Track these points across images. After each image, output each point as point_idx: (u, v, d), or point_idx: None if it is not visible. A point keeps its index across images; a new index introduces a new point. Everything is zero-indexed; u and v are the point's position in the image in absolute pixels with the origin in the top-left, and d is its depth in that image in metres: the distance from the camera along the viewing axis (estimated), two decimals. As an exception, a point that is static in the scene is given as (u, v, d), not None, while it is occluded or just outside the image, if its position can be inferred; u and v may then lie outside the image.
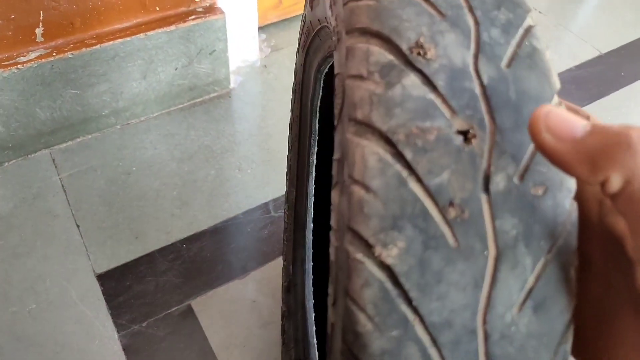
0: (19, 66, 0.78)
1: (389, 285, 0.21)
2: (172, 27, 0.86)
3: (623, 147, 0.18)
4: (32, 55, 0.79)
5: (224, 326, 0.73)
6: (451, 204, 0.21)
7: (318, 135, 0.58)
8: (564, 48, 1.23)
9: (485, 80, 0.22)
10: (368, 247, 0.21)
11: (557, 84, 0.24)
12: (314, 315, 0.67)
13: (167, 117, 0.97)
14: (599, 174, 0.19)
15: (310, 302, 0.68)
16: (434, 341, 0.21)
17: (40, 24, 0.78)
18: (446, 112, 0.22)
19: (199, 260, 0.79)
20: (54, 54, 0.80)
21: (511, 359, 0.21)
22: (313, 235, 0.67)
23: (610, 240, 0.22)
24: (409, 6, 0.23)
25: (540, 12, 1.31)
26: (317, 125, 0.57)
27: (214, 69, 0.98)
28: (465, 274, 0.21)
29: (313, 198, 0.63)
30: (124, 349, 0.70)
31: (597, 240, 0.23)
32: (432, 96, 0.22)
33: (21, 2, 0.74)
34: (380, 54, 0.23)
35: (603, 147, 0.19)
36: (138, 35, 0.84)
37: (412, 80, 0.22)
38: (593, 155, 0.19)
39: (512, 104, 0.22)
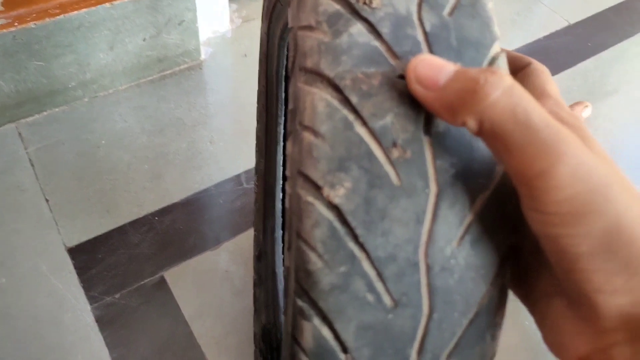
0: (-21, 37, 0.76)
1: (337, 224, 0.22)
2: (139, -4, 0.85)
3: (471, 93, 0.20)
4: (-7, 25, 0.77)
5: (197, 296, 0.74)
6: (394, 144, 0.22)
7: (284, 104, 0.58)
8: (534, 18, 1.24)
9: (428, 28, 0.23)
10: (317, 189, 0.22)
11: (497, 33, 0.25)
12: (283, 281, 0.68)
13: (137, 90, 0.96)
14: (457, 118, 0.21)
15: (280, 269, 0.69)
16: (380, 275, 0.22)
17: (0, -8, 0.76)
18: (390, 58, 0.23)
19: (171, 232, 0.80)
20: (16, 24, 0.78)
21: (451, 290, 0.22)
22: (282, 203, 0.67)
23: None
24: None
25: (511, -18, 1.32)
26: (283, 94, 0.58)
27: (183, 40, 0.96)
28: (408, 210, 0.22)
29: (281, 167, 0.64)
30: (96, 320, 0.70)
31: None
32: (376, 43, 0.23)
33: (-22, -30, 0.72)
34: (328, 4, 0.23)
35: (459, 93, 0.20)
36: (104, 4, 0.82)
37: (358, 28, 0.23)
38: (451, 102, 0.21)
39: (453, 49, 0.23)
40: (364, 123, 0.22)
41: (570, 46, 1.19)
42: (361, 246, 0.22)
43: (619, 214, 0.19)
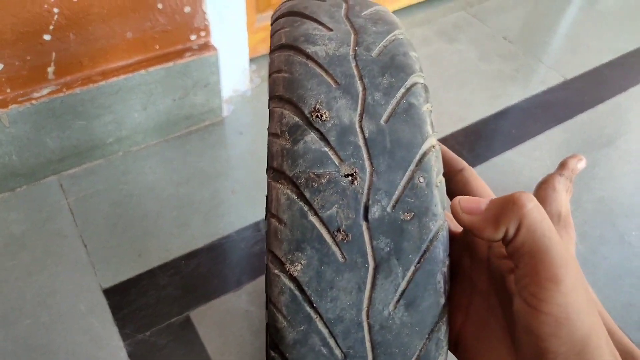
0: (33, 101, 0.86)
1: (296, 292, 0.27)
2: (170, 64, 0.95)
3: (510, 204, 0.26)
4: (45, 91, 0.87)
5: (219, 334, 0.81)
6: (339, 230, 0.27)
7: None
8: (533, 75, 1.33)
9: (367, 134, 0.29)
10: (281, 264, 0.27)
11: (429, 132, 0.30)
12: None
13: (165, 144, 1.06)
14: (500, 228, 0.26)
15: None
16: (331, 333, 0.27)
17: (52, 63, 0.86)
18: (336, 160, 0.28)
19: (196, 275, 0.87)
20: (64, 89, 0.88)
21: (390, 344, 0.28)
22: None
23: (495, 274, 0.30)
24: (313, 77, 0.30)
25: (510, 41, 1.42)
26: None
27: (208, 100, 1.06)
28: (351, 281, 0.27)
29: None
30: (129, 356, 0.77)
31: (484, 270, 0.30)
32: (325, 149, 0.28)
33: (36, 45, 0.83)
34: (290, 117, 0.29)
35: (500, 209, 0.27)
36: (139, 71, 0.93)
37: (311, 137, 0.28)
38: (494, 217, 0.27)
39: (387, 151, 0.28)
40: (315, 213, 0.27)
41: (568, 100, 1.27)
42: (315, 310, 0.27)
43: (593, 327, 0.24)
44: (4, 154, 0.89)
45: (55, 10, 0.81)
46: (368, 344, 0.28)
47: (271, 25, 0.37)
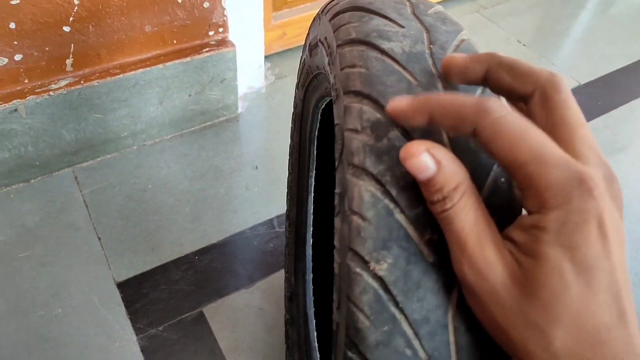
0: (51, 93, 0.86)
1: (381, 292, 0.26)
2: (188, 59, 0.95)
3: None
4: (62, 83, 0.87)
5: (232, 331, 0.81)
6: (426, 229, 0.27)
7: (316, 160, 0.66)
8: (546, 78, 1.32)
9: (450, 133, 0.29)
10: (365, 263, 0.26)
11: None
12: (314, 321, 0.74)
13: (180, 139, 1.06)
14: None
15: (311, 310, 0.75)
16: (416, 334, 0.26)
17: (71, 55, 0.86)
18: None
19: (209, 270, 0.87)
20: (82, 82, 0.88)
21: (475, 347, 0.27)
22: (312, 249, 0.74)
23: None
24: (392, 74, 0.30)
25: (524, 44, 1.41)
26: (315, 151, 0.65)
27: (223, 96, 1.06)
28: (439, 281, 0.26)
29: (312, 216, 0.71)
30: (142, 350, 0.77)
31: None
32: None
33: (55, 36, 0.83)
34: (371, 113, 0.29)
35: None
36: (157, 65, 0.93)
37: (395, 134, 0.28)
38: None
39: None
40: (402, 211, 0.27)
41: (581, 105, 1.23)
42: (401, 310, 0.26)
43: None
44: (20, 144, 0.89)
45: (76, 1, 0.81)
46: (453, 347, 0.27)
47: (329, 20, 0.37)
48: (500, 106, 0.24)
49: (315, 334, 0.73)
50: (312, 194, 0.69)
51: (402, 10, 0.34)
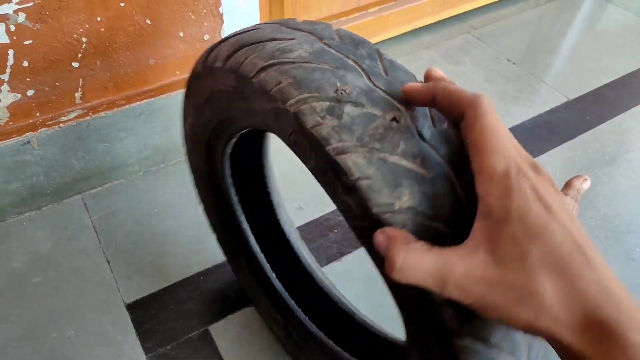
0: (61, 125, 0.91)
1: (415, 217, 0.32)
2: (190, 88, 1.00)
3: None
4: (72, 115, 0.92)
5: (237, 348, 0.84)
6: (414, 157, 0.33)
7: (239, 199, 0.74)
8: (536, 95, 1.37)
9: (383, 87, 0.36)
10: (390, 205, 0.32)
11: (411, 72, 0.38)
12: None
13: (184, 165, 1.10)
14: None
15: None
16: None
17: (80, 88, 0.91)
18: (377, 113, 0.35)
19: (214, 290, 0.91)
20: (90, 113, 0.93)
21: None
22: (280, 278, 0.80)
23: None
24: (314, 71, 0.36)
25: (514, 63, 1.46)
26: (235, 195, 0.73)
27: (224, 122, 1.11)
28: (446, 187, 0.34)
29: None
30: (152, 369, 0.80)
31: None
32: (365, 109, 0.35)
33: (65, 72, 0.88)
34: (320, 104, 0.35)
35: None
36: (161, 95, 0.98)
37: (349, 107, 0.35)
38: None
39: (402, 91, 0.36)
40: (391, 153, 0.33)
41: (570, 120, 1.30)
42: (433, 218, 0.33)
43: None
44: (32, 174, 0.94)
45: (84, 39, 0.86)
46: None
47: (222, 65, 0.43)
48: (488, 104, 0.32)
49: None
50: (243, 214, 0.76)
51: (280, 29, 0.41)
